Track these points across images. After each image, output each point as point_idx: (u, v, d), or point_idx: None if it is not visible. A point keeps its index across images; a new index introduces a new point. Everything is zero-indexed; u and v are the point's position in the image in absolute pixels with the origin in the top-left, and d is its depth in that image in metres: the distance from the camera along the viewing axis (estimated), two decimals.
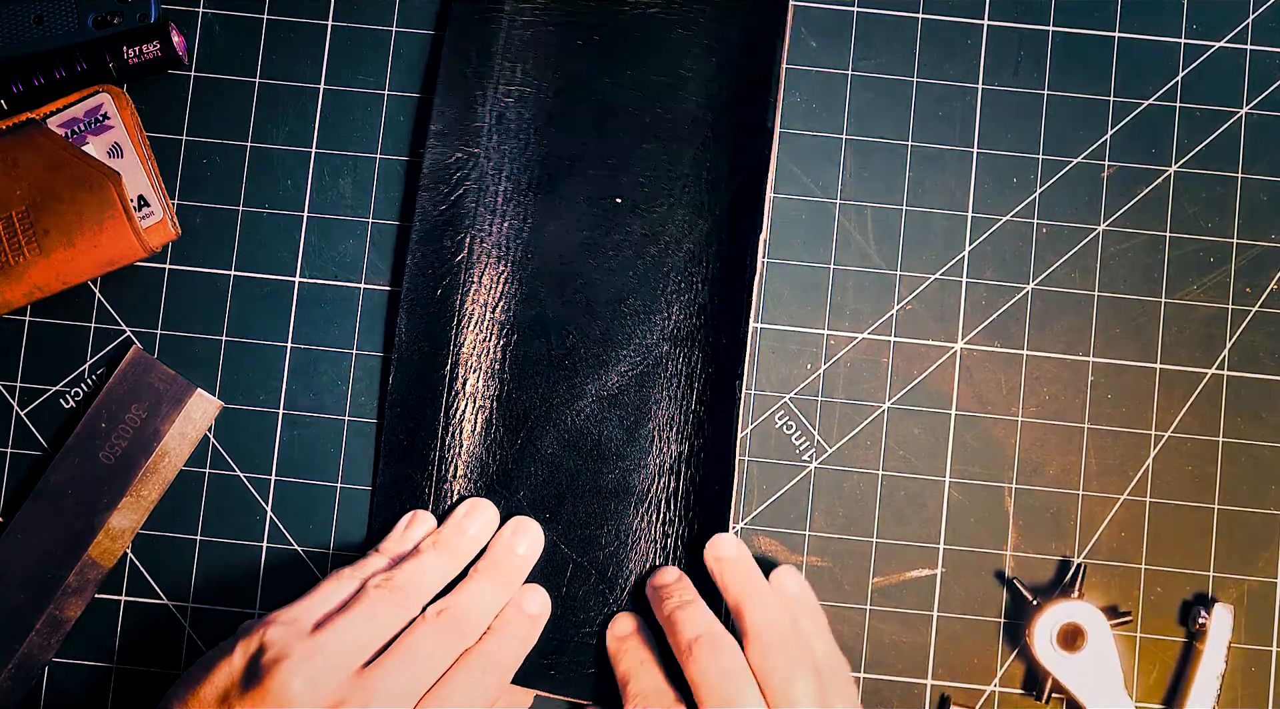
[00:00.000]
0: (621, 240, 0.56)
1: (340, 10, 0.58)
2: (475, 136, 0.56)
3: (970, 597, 0.56)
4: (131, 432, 0.55)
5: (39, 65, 0.55)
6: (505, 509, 0.55)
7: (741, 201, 0.56)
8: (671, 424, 0.55)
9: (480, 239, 0.55)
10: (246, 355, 0.57)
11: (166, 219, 0.56)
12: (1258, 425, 0.57)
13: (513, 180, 0.56)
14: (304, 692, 0.46)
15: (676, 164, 0.56)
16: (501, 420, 0.55)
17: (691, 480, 0.55)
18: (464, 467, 0.55)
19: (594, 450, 0.55)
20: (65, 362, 0.56)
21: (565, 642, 0.54)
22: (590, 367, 0.55)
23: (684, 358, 0.55)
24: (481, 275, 0.55)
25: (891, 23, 0.58)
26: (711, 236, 0.56)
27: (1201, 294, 0.57)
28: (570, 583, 0.54)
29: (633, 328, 0.56)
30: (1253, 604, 0.56)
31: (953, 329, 0.57)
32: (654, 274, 0.56)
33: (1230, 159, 0.57)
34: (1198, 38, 0.58)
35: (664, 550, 0.55)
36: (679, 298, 0.55)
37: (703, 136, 0.56)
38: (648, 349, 0.55)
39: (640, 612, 0.54)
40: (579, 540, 0.55)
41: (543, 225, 0.56)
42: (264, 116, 0.58)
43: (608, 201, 0.56)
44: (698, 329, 0.55)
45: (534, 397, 0.55)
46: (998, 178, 0.57)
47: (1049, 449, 0.56)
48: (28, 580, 0.54)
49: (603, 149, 0.56)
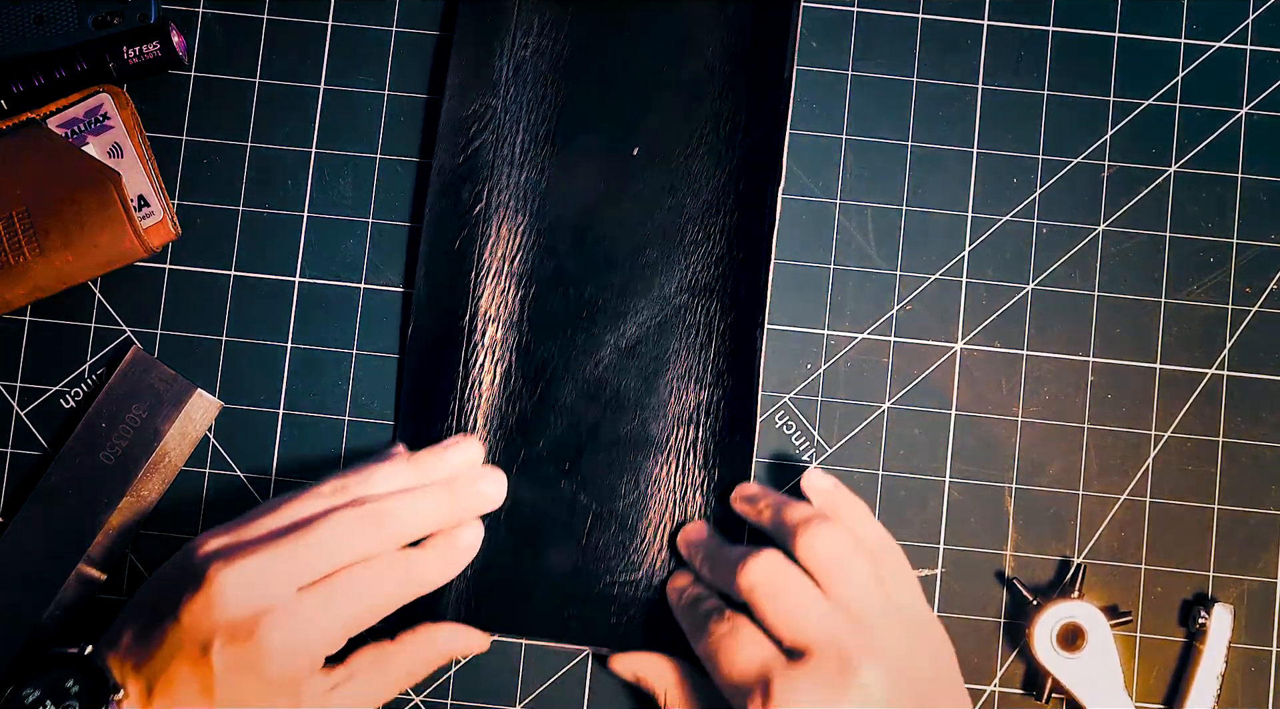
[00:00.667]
0: (639, 191, 0.56)
1: (340, 10, 0.58)
2: (493, 89, 0.56)
3: (970, 596, 0.56)
4: (132, 432, 0.55)
5: (39, 65, 0.55)
6: (524, 459, 0.55)
7: (759, 151, 0.56)
8: (690, 374, 0.55)
9: (498, 191, 0.56)
10: (247, 355, 0.57)
11: (166, 219, 0.56)
12: (1257, 425, 0.57)
13: (530, 132, 0.56)
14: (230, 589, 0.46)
15: (694, 115, 0.56)
16: (520, 371, 0.55)
17: (711, 430, 0.55)
18: (483, 417, 0.55)
19: (613, 401, 0.55)
20: (65, 362, 0.56)
21: (587, 591, 0.54)
22: (608, 317, 0.56)
23: (703, 308, 0.55)
24: (499, 227, 0.56)
25: (891, 23, 0.58)
26: (729, 186, 0.56)
27: (1201, 294, 0.57)
28: (591, 532, 0.55)
29: (651, 279, 0.56)
30: (1252, 604, 0.56)
31: (953, 329, 0.57)
32: (672, 225, 0.56)
33: (1230, 159, 0.58)
34: (1198, 38, 0.58)
35: (684, 500, 0.55)
36: (697, 248, 0.56)
37: (720, 87, 0.56)
38: (666, 299, 0.55)
39: (660, 562, 0.55)
40: (599, 490, 0.55)
41: (560, 177, 0.56)
42: (264, 116, 0.58)
43: (625, 153, 0.56)
44: (716, 279, 0.55)
45: (553, 348, 0.55)
46: (998, 178, 0.58)
47: (1049, 449, 0.56)
48: (27, 580, 0.54)
49: (620, 100, 0.56)
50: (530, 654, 0.56)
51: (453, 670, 0.56)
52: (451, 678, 0.56)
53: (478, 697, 0.55)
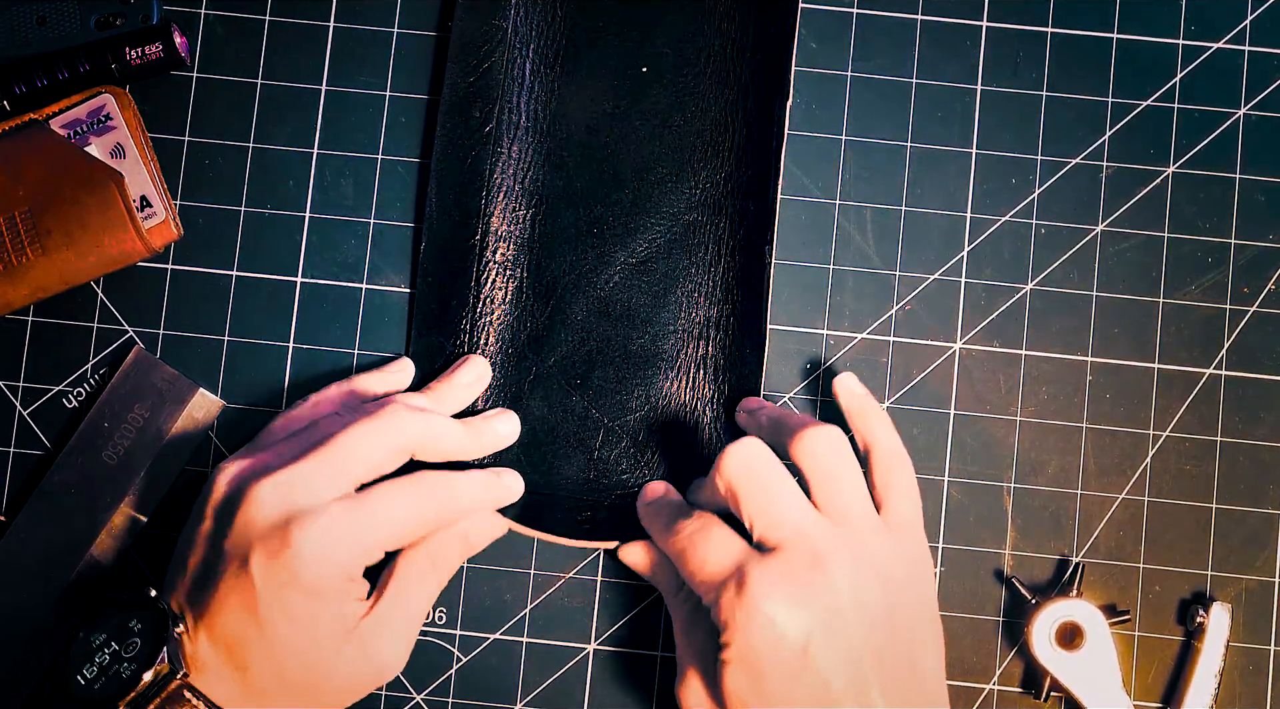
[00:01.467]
0: (648, 109, 0.57)
1: (342, 11, 0.58)
2: (502, 9, 0.57)
3: (969, 595, 0.56)
4: (134, 431, 0.55)
5: (42, 66, 0.56)
6: (536, 375, 0.56)
7: (767, 69, 0.56)
8: (700, 290, 0.56)
9: (508, 110, 0.56)
10: (248, 355, 0.57)
11: (169, 219, 0.56)
12: (1255, 425, 0.57)
13: (539, 53, 0.57)
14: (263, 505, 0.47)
15: (701, 33, 0.57)
16: (532, 288, 0.56)
17: (721, 345, 0.56)
18: (495, 334, 0.56)
19: (623, 317, 0.56)
20: (68, 361, 0.57)
21: (598, 503, 0.55)
22: (618, 235, 0.56)
23: (711, 225, 0.56)
24: (510, 146, 0.56)
25: (891, 23, 0.58)
26: (737, 104, 0.56)
27: (1200, 294, 0.57)
28: (602, 447, 0.55)
29: (660, 197, 0.56)
30: (1250, 603, 0.56)
31: (952, 329, 0.57)
32: (681, 143, 0.57)
33: (1228, 160, 0.58)
34: (1196, 38, 0.58)
35: (694, 414, 0.56)
36: (705, 166, 0.56)
37: (728, 7, 0.57)
38: (675, 217, 0.56)
39: (672, 475, 0.55)
40: (610, 405, 0.56)
41: (570, 97, 0.57)
42: (266, 117, 0.58)
43: (634, 72, 0.57)
44: (725, 196, 0.56)
45: (563, 265, 0.56)
46: (996, 178, 0.58)
47: (1047, 448, 0.57)
48: (31, 580, 0.54)
49: (628, 20, 0.57)
50: (530, 654, 0.56)
51: (453, 670, 0.56)
52: (452, 677, 0.56)
53: (478, 696, 0.56)
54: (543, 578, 0.56)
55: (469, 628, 0.56)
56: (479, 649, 0.56)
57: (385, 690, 0.55)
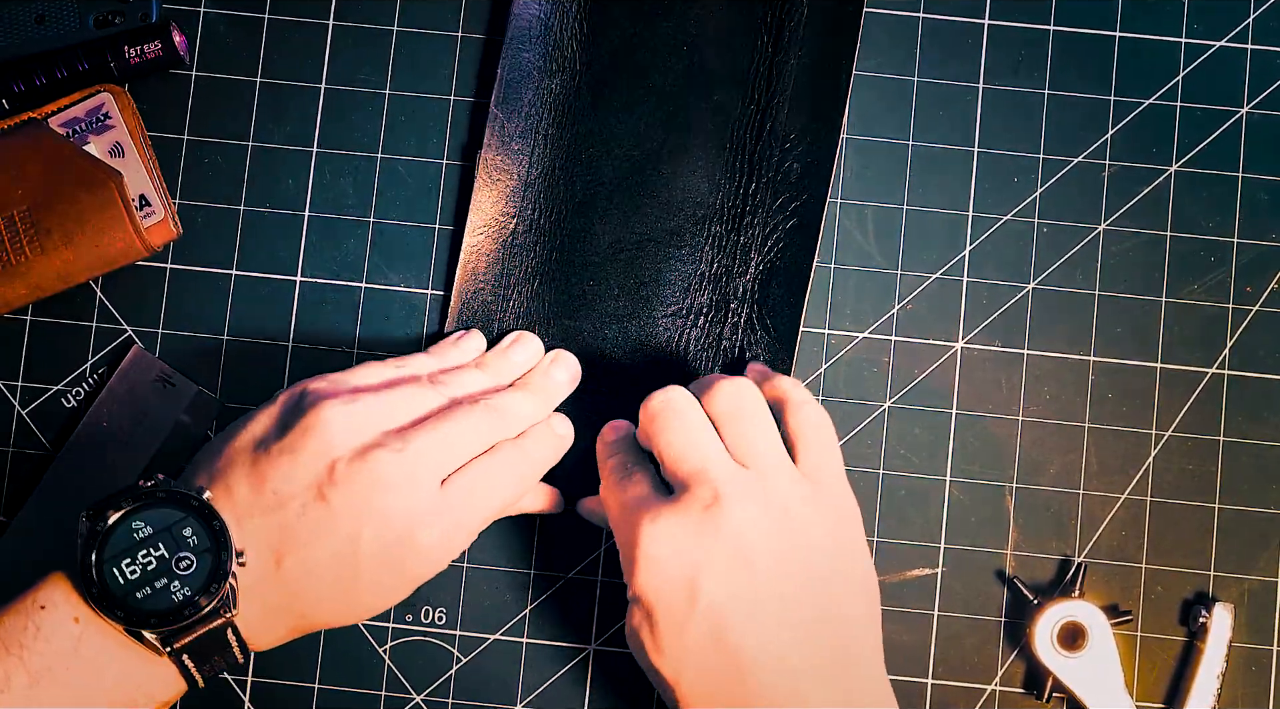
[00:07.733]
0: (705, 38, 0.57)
1: (342, 10, 0.58)
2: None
3: (971, 596, 0.56)
4: (133, 431, 0.55)
5: (40, 65, 0.55)
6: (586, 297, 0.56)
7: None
8: (734, 277, 0.56)
9: (558, 49, 0.57)
10: (248, 354, 0.57)
11: (168, 218, 0.56)
12: (1258, 425, 0.57)
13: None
14: (341, 431, 0.46)
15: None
16: (566, 267, 0.57)
17: (764, 301, 0.56)
18: (528, 309, 0.56)
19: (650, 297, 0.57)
20: (67, 361, 0.57)
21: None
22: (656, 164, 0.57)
23: (764, 210, 0.56)
24: (550, 123, 0.57)
25: (892, 22, 0.58)
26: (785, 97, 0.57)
27: (1202, 293, 0.57)
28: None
29: (693, 188, 0.57)
30: (1253, 603, 0.56)
31: (953, 328, 0.57)
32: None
33: (1231, 159, 0.58)
34: (1198, 37, 0.58)
35: (718, 359, 0.56)
36: (756, 158, 0.57)
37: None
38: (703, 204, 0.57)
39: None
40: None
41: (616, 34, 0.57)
42: (265, 116, 0.58)
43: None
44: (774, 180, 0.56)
45: (599, 247, 0.57)
46: (998, 177, 0.58)
47: (1049, 448, 0.57)
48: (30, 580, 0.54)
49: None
50: (530, 654, 0.56)
51: (453, 670, 0.56)
52: (452, 678, 0.56)
53: (478, 696, 0.56)
54: (543, 578, 0.56)
55: (469, 628, 0.56)
56: (479, 649, 0.56)
57: (385, 691, 0.55)
